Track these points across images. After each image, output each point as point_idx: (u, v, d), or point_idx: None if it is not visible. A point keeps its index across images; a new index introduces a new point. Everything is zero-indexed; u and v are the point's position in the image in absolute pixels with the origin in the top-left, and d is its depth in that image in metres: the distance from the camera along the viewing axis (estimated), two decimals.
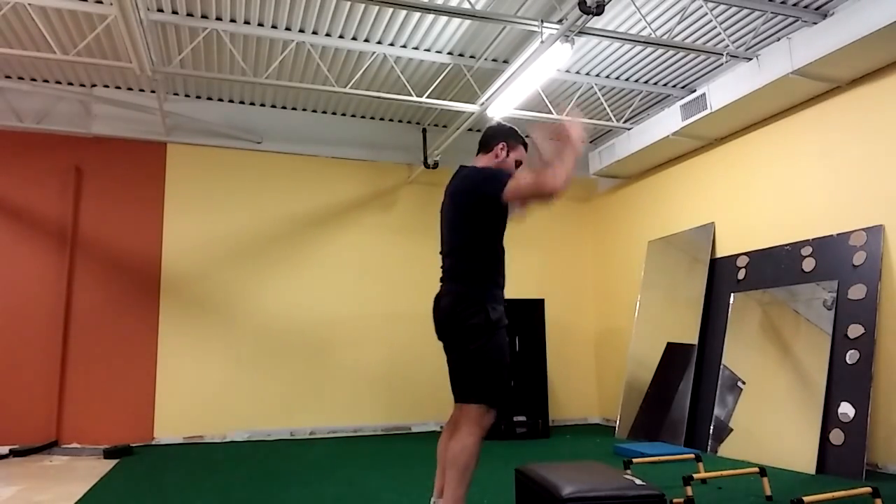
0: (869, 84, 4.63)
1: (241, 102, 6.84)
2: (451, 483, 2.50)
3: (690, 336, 5.84)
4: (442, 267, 2.78)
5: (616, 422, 6.54)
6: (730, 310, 5.51)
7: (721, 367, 5.38)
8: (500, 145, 2.81)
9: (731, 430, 5.08)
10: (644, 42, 4.94)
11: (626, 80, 6.31)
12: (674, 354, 6.00)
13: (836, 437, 4.30)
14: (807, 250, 4.96)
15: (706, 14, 4.98)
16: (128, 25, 4.18)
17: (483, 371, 2.55)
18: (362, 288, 7.01)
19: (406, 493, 3.79)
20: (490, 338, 2.55)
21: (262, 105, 6.92)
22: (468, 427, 2.54)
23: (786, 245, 5.17)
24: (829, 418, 4.38)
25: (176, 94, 6.57)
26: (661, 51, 5.65)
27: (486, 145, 2.84)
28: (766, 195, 5.44)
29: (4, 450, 5.36)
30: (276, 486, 4.11)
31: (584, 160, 7.53)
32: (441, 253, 2.80)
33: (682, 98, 5.91)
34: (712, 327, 5.71)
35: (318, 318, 6.82)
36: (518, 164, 2.82)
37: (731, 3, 4.74)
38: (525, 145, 2.86)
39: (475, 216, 2.63)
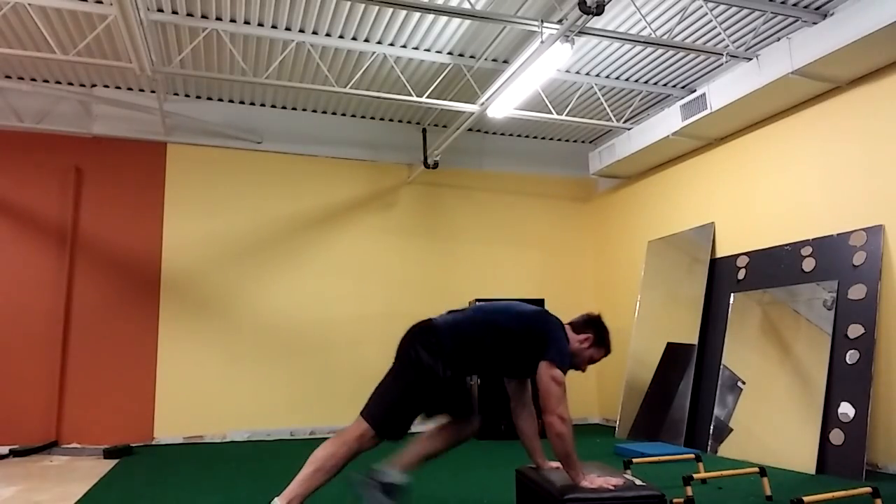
0: (869, 84, 4.62)
1: (241, 102, 6.84)
2: (300, 478, 2.62)
3: (690, 336, 5.84)
4: (448, 313, 2.90)
5: (616, 422, 6.54)
6: (730, 310, 5.51)
7: (721, 367, 5.38)
8: (589, 337, 2.82)
9: (731, 430, 5.08)
10: (644, 42, 4.94)
11: (626, 80, 6.31)
12: (674, 354, 6.00)
13: (836, 437, 4.30)
14: (807, 250, 4.96)
15: (706, 14, 4.98)
16: (128, 25, 4.18)
17: (389, 396, 2.66)
18: (362, 288, 7.01)
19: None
20: (416, 375, 2.63)
21: (262, 105, 6.91)
22: (345, 437, 2.62)
23: (786, 245, 5.17)
24: (829, 418, 4.38)
25: (176, 94, 6.57)
26: (661, 51, 5.65)
27: (580, 327, 2.85)
28: (766, 195, 5.43)
29: (4, 450, 5.36)
30: (276, 486, 4.10)
31: (584, 160, 7.54)
32: (458, 310, 2.96)
33: (682, 98, 5.91)
34: (712, 327, 5.71)
35: (318, 317, 6.82)
36: (591, 360, 2.86)
37: (731, 3, 4.73)
38: (607, 351, 2.88)
39: (511, 344, 2.70)
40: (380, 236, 7.17)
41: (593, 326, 2.84)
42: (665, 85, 6.40)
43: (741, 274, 5.56)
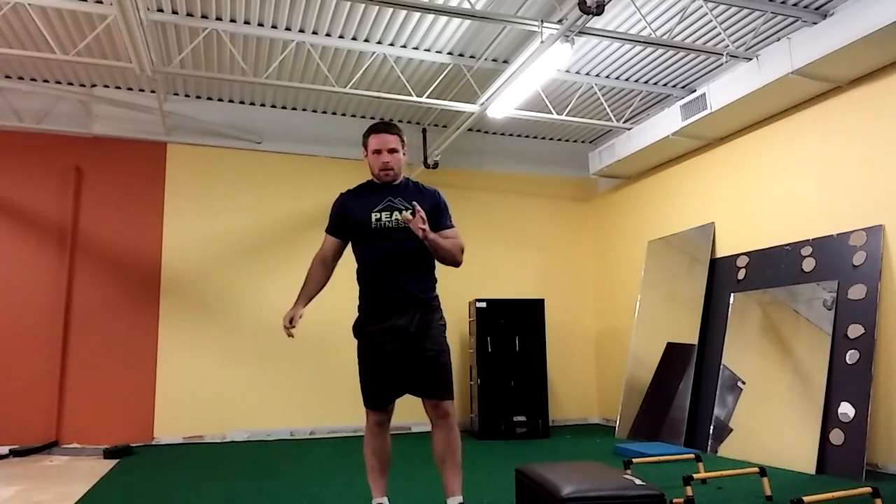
0: (869, 84, 4.62)
1: (241, 102, 6.84)
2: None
3: (690, 336, 5.84)
4: None
5: (616, 422, 6.54)
6: (730, 310, 5.51)
7: (721, 367, 5.38)
8: (364, 153, 3.12)
9: (731, 430, 5.08)
10: (644, 42, 4.94)
11: (626, 80, 6.31)
12: (674, 354, 6.00)
13: (836, 437, 4.30)
14: (807, 250, 4.96)
15: (706, 14, 4.98)
16: (128, 25, 4.18)
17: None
18: None
19: (406, 493, 3.78)
20: (357, 346, 3.06)
21: (262, 105, 6.91)
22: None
23: (786, 245, 5.17)
24: (829, 418, 4.38)
25: (176, 94, 6.57)
26: (661, 51, 5.65)
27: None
28: (766, 195, 5.43)
29: (4, 450, 5.36)
30: (276, 486, 4.11)
31: (584, 160, 7.53)
32: None
33: (682, 98, 5.91)
34: (712, 327, 5.71)
35: (318, 318, 6.76)
36: (377, 151, 3.06)
37: (731, 3, 4.73)
38: (373, 132, 3.08)
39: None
40: None
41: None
42: (665, 85, 6.40)
43: (741, 274, 5.56)
